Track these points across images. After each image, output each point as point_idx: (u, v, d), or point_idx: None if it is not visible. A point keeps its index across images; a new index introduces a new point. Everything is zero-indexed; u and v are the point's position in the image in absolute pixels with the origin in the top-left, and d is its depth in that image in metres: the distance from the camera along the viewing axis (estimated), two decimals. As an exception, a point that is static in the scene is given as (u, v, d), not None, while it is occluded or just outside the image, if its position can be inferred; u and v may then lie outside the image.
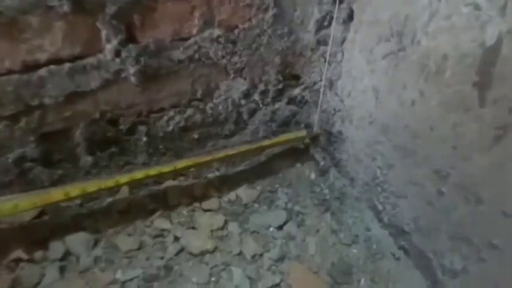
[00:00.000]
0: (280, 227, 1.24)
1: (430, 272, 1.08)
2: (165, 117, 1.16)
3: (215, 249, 1.16)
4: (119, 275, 1.07)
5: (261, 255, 1.16)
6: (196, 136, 1.26)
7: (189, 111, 1.19)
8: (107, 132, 1.10)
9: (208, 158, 1.20)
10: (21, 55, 0.88)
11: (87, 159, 1.13)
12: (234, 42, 1.10)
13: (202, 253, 1.14)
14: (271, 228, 1.23)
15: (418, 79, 0.93)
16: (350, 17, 1.13)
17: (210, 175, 1.36)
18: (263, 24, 1.10)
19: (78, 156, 1.11)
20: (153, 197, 1.26)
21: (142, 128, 1.15)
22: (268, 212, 1.28)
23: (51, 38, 0.88)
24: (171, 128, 1.19)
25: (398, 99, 1.01)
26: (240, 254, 1.16)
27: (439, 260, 1.03)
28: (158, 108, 1.14)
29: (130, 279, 1.07)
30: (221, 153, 1.22)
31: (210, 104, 1.20)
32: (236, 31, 1.08)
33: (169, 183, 1.30)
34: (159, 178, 1.26)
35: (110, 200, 1.23)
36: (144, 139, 1.17)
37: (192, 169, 1.28)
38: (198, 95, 1.17)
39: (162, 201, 1.25)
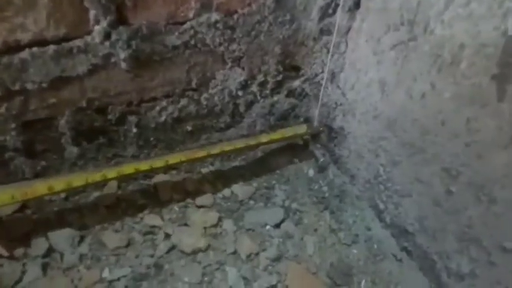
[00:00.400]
0: (277, 225, 1.21)
1: (434, 274, 1.05)
2: (157, 107, 1.13)
3: (208, 248, 1.13)
4: (105, 274, 1.04)
5: (257, 254, 1.13)
6: (189, 128, 1.22)
7: (183, 101, 1.15)
8: (95, 121, 1.06)
9: (203, 153, 1.16)
10: (2, 35, 0.83)
11: (72, 151, 1.09)
12: (232, 29, 1.06)
13: (195, 251, 1.11)
14: (267, 226, 1.20)
15: (430, 70, 0.90)
16: (356, 4, 1.10)
17: (204, 170, 1.33)
18: (264, 10, 1.06)
19: (63, 147, 1.08)
20: (143, 191, 1.23)
21: (132, 118, 1.11)
22: (265, 210, 1.25)
23: (35, 17, 0.83)
24: (163, 118, 1.15)
25: (407, 91, 0.97)
26: (234, 252, 1.13)
27: (445, 262, 1.00)
28: (150, 98, 1.10)
29: (118, 279, 1.03)
30: (216, 149, 1.18)
31: (205, 95, 1.17)
32: (235, 16, 1.04)
33: (161, 177, 1.27)
34: (150, 172, 1.22)
35: (97, 194, 1.19)
36: (134, 130, 1.13)
37: (184, 163, 1.23)
38: (193, 84, 1.13)
39: (153, 197, 1.22)
